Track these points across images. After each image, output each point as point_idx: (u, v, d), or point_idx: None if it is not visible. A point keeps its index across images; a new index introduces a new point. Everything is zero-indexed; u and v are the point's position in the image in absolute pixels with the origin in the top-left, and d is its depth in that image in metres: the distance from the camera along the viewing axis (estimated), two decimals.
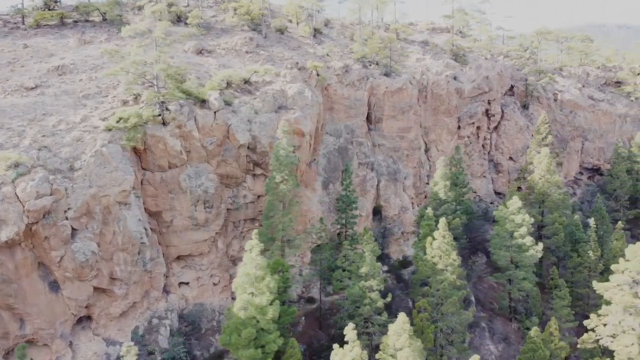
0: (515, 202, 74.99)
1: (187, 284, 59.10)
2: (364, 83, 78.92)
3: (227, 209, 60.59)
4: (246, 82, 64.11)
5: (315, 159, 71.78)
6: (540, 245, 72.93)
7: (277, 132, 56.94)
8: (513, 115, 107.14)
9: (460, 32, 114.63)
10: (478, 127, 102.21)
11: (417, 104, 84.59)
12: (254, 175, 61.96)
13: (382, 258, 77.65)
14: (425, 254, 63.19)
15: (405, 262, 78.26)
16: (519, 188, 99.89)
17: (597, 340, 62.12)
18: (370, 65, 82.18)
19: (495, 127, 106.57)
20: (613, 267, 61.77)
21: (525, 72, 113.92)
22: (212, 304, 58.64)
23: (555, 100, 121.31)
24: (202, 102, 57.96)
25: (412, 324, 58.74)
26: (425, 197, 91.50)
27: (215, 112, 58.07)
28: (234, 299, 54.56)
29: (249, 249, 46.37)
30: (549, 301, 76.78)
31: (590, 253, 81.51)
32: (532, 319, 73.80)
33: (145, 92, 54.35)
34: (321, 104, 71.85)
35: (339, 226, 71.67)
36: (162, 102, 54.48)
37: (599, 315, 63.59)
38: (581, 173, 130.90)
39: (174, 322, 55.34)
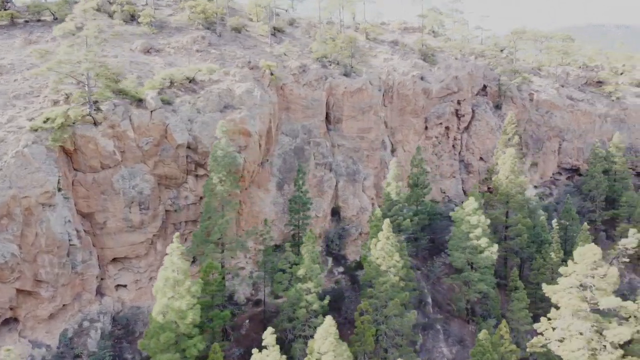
0: (471, 203, 73.53)
1: (124, 286, 57.73)
2: (322, 83, 77.45)
3: (167, 211, 59.18)
4: (191, 81, 62.72)
5: (268, 160, 70.35)
6: (495, 247, 71.47)
7: (216, 131, 55.50)
8: (484, 116, 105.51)
9: (433, 31, 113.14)
10: (447, 128, 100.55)
11: (378, 104, 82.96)
12: (196, 176, 60.59)
13: (339, 259, 76.40)
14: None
15: (361, 264, 76.58)
16: (488, 189, 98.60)
17: (546, 345, 60.46)
18: (330, 65, 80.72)
19: (466, 128, 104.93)
20: (561, 269, 60.30)
21: (499, 72, 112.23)
22: (149, 307, 56.99)
23: (531, 100, 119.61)
24: (139, 102, 56.60)
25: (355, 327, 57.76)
26: None
27: (151, 112, 56.71)
28: None
29: (170, 252, 45.00)
30: (510, 303, 75.26)
31: (552, 254, 79.93)
32: (489, 321, 72.34)
33: (76, 92, 53.00)
34: (275, 104, 70.46)
35: (292, 227, 70.15)
36: (95, 102, 53.13)
37: (549, 319, 61.98)
38: (560, 173, 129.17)
39: (106, 325, 53.96)
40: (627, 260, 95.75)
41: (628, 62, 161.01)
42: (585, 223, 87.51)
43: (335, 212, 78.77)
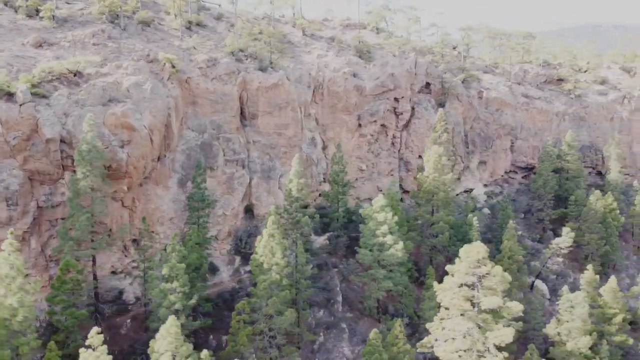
0: (379, 200, 71.23)
1: None
2: (234, 77, 75.25)
3: (41, 207, 57.06)
4: (76, 74, 60.66)
5: (167, 155, 68.19)
6: (401, 245, 69.10)
7: (84, 125, 53.41)
8: (425, 114, 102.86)
9: (377, 28, 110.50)
10: (384, 125, 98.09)
11: (297, 100, 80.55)
12: (74, 172, 58.38)
13: (247, 258, 73.88)
14: None
15: None
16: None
17: (432, 346, 58.02)
18: (247, 59, 78.52)
19: (406, 126, 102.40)
20: (448, 267, 57.90)
21: (442, 69, 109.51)
22: None
23: (480, 98, 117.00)
24: (9, 96, 54.61)
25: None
26: (320, 195, 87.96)
27: (20, 106, 54.69)
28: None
29: (4, 249, 43.00)
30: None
31: None
32: (397, 319, 69.71)
33: None
34: (177, 98, 68.48)
35: (192, 226, 67.82)
36: None
37: (441, 319, 59.50)
38: (515, 172, 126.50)
39: None
40: (560, 259, 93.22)
41: (595, 60, 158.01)
42: (511, 221, 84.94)
43: (249, 210, 76.58)
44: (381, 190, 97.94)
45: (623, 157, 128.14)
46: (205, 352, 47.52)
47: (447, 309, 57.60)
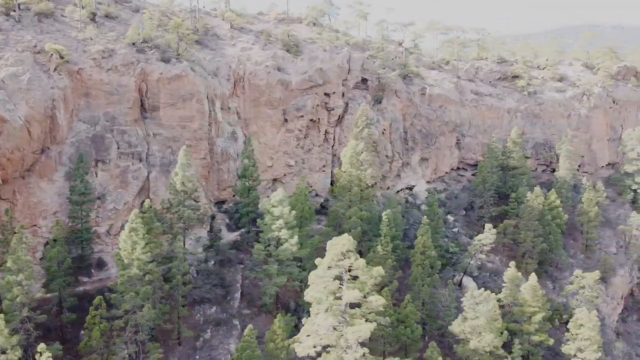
0: (278, 194, 68.78)
1: None
2: (132, 68, 72.96)
3: None
4: None
5: (51, 147, 65.97)
6: (295, 239, 66.54)
7: None
8: (356, 110, 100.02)
9: (314, 24, 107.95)
10: (314, 121, 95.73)
11: (201, 91, 78.00)
12: None
13: None
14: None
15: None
16: None
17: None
18: (150, 50, 76.22)
19: (339, 121, 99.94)
20: (317, 261, 55.25)
21: (379, 64, 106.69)
22: None
23: (423, 94, 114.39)
24: None
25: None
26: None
27: None
28: None
29: None
30: None
31: (380, 248, 75.01)
32: (287, 315, 67.38)
33: None
34: (64, 89, 66.44)
35: (77, 220, 65.55)
36: None
37: (316, 314, 56.78)
38: (465, 169, 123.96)
39: None
40: (483, 255, 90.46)
41: (558, 57, 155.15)
42: (425, 217, 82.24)
43: None
44: (311, 186, 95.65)
45: (576, 154, 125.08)
46: (42, 346, 45.03)
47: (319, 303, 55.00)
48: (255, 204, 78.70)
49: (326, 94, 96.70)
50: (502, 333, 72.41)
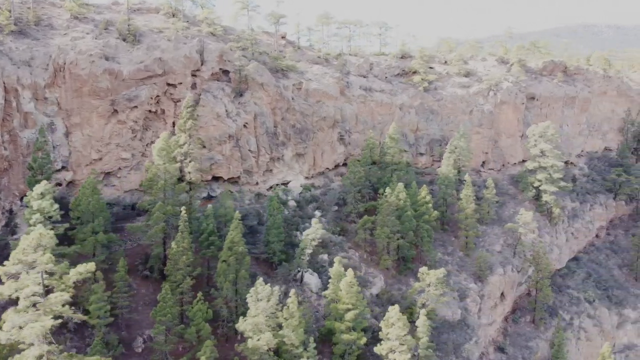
0: (40, 186, 63.75)
1: None
2: None
3: None
4: None
5: None
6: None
7: None
8: (212, 102, 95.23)
9: (173, 15, 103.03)
10: (152, 112, 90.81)
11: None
12: None
13: None
14: None
15: None
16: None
17: None
18: None
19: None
20: None
21: (238, 55, 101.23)
22: None
23: (299, 89, 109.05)
24: None
25: None
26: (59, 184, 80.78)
27: None
28: None
29: None
30: None
31: (174, 245, 70.04)
32: None
33: None
34: None
35: None
36: None
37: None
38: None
39: None
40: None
41: (470, 51, 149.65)
42: (237, 212, 76.61)
43: None
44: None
45: (468, 150, 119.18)
46: None
47: None
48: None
49: (171, 85, 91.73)
50: (306, 331, 67.38)
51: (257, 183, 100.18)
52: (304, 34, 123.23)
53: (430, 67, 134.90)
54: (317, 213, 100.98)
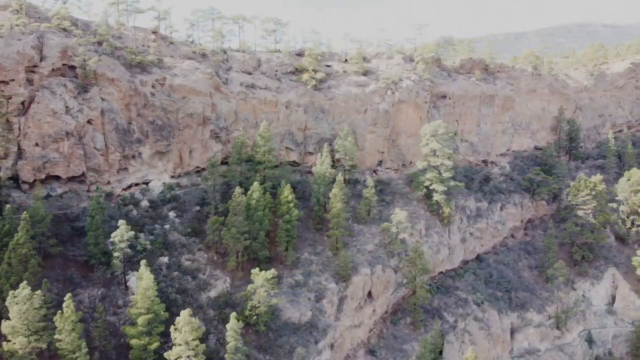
0: None
1: None
2: None
3: None
4: None
5: None
6: None
7: None
8: (49, 99, 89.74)
9: (17, 10, 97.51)
10: None
11: None
12: None
13: None
14: None
15: None
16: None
17: None
18: None
19: (24, 110, 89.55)
20: None
21: (83, 49, 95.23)
22: None
23: (162, 84, 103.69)
24: None
25: None
26: None
27: None
28: None
29: None
30: None
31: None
32: None
33: None
34: None
35: None
36: None
37: None
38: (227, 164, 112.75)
39: None
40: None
41: (376, 50, 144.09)
42: (25, 212, 71.14)
43: None
44: None
45: (353, 150, 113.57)
46: None
47: None
48: None
49: (2, 82, 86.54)
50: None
51: (108, 182, 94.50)
52: (188, 31, 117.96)
53: (328, 65, 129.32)
54: (172, 213, 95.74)
